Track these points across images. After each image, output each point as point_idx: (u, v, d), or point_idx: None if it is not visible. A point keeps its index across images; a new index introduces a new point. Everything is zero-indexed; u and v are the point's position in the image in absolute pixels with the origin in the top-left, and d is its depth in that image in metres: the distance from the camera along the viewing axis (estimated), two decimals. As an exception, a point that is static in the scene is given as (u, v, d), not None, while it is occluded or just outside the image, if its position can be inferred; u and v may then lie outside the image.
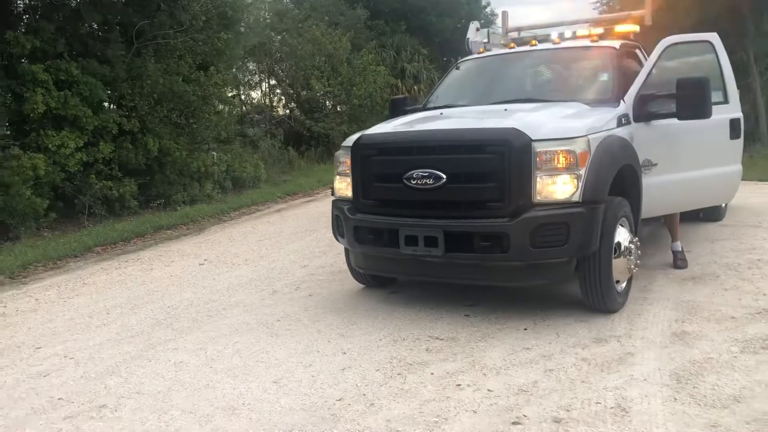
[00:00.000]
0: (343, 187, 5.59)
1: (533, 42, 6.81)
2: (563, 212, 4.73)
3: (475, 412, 3.68)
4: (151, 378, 4.38)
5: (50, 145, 11.05)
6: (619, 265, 5.14)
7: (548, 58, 6.66)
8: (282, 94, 24.03)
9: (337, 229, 5.65)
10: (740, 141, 6.42)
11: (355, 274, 6.09)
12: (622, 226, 5.24)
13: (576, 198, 4.75)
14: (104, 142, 12.11)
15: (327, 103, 22.90)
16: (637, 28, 6.97)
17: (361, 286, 6.21)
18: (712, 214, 8.17)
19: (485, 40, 7.58)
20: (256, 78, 23.46)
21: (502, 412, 3.65)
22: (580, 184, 4.75)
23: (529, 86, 6.47)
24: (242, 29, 19.74)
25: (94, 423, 3.77)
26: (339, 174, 5.66)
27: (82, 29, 12.71)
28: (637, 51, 6.72)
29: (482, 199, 4.84)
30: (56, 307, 6.25)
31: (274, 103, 23.84)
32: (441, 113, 5.91)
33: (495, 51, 7.17)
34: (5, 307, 6.37)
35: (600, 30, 6.97)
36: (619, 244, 5.13)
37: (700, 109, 5.60)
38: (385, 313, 5.47)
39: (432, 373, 4.21)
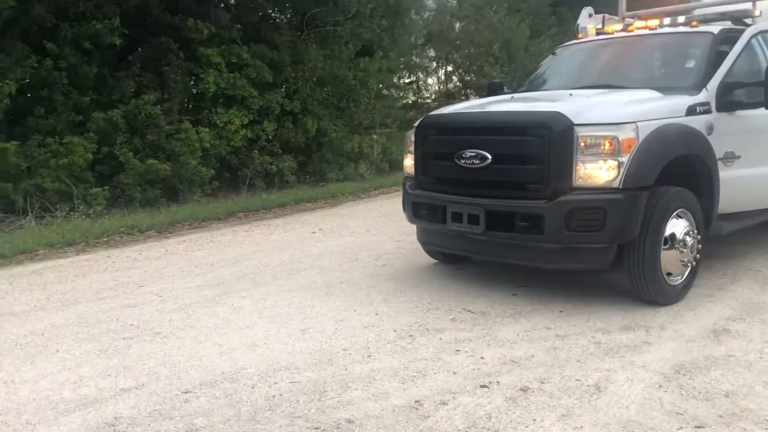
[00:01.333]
0: (409, 165, 5.94)
1: (631, 28, 6.64)
2: (601, 197, 4.73)
3: (455, 373, 3.92)
4: (208, 316, 5.08)
5: (218, 122, 12.44)
6: (670, 257, 5.01)
7: (640, 45, 6.48)
8: (459, 80, 24.47)
9: (403, 205, 6.01)
10: None
11: (426, 249, 6.40)
12: (680, 217, 5.08)
13: (616, 184, 4.73)
14: (268, 121, 13.33)
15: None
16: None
17: (434, 261, 6.51)
18: None
19: (599, 26, 7.45)
20: (434, 64, 24.09)
21: (479, 377, 3.86)
22: (622, 170, 4.71)
23: (612, 72, 6.32)
24: (414, 17, 20.40)
25: (144, 344, 4.53)
26: (408, 152, 6.01)
27: (255, 16, 13.99)
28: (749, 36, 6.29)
29: (523, 181, 4.97)
30: (176, 258, 7.24)
31: (450, 88, 24.29)
32: (512, 97, 6.03)
33: (592, 37, 7.06)
34: (140, 254, 7.48)
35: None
36: (672, 235, 5.00)
37: (791, 99, 5.25)
38: (438, 285, 5.77)
39: (441, 338, 4.48)
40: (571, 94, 5.56)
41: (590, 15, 7.61)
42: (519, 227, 4.96)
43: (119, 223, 8.89)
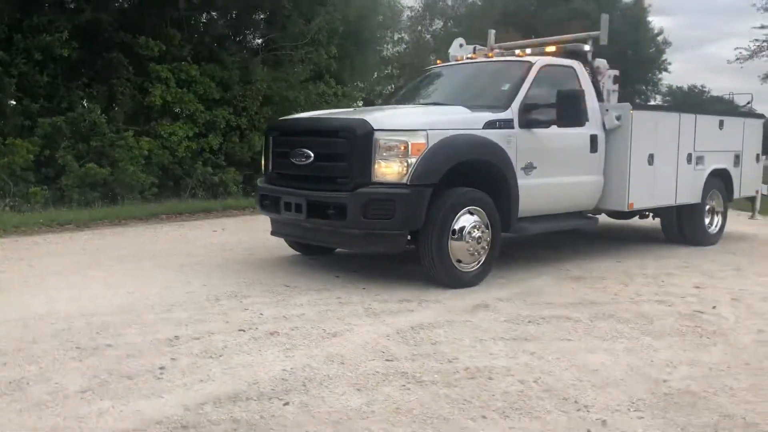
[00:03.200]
0: (263, 163, 6.84)
1: (473, 56, 7.63)
2: (391, 191, 5.60)
3: (227, 322, 4.72)
4: (57, 281, 5.93)
5: (163, 133, 13.38)
6: (459, 247, 5.84)
7: (475, 70, 7.45)
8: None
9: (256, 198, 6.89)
10: (597, 155, 7.19)
11: (286, 241, 7.22)
12: (472, 214, 5.93)
13: (405, 180, 5.60)
14: (213, 135, 14.26)
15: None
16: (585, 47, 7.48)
17: (296, 252, 7.34)
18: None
19: (470, 54, 8.37)
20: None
21: (244, 325, 4.65)
22: (411, 169, 5.59)
23: (447, 92, 7.28)
24: (379, 48, 21.45)
25: (-7, 296, 5.38)
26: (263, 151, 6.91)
27: (207, 39, 15.02)
28: (575, 67, 7.21)
29: (335, 176, 5.84)
30: (72, 243, 8.08)
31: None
32: (354, 108, 6.96)
33: (445, 63, 8.03)
34: (44, 239, 8.33)
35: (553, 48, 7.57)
36: (462, 228, 5.85)
37: (576, 117, 6.19)
38: (281, 269, 6.65)
39: (241, 302, 5.31)
40: (384, 108, 6.50)
41: (461, 45, 8.54)
42: (330, 215, 5.80)
43: (44, 217, 9.74)
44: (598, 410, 3.41)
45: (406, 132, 5.66)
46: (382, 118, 5.87)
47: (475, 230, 5.92)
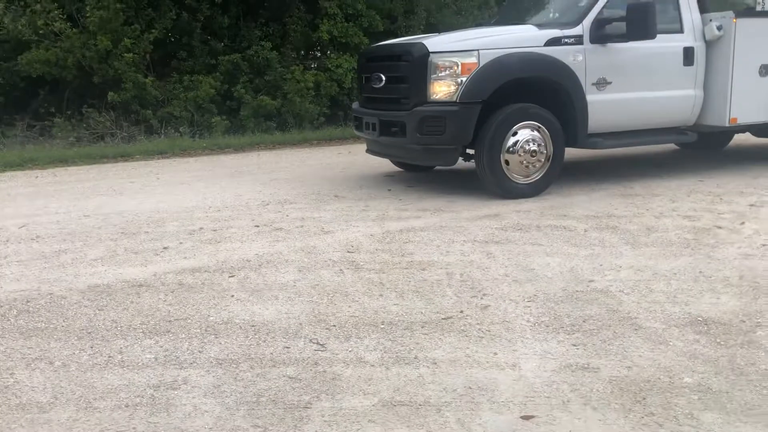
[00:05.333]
0: (357, 87, 7.55)
1: None
2: (442, 109, 6.04)
3: (253, 220, 5.63)
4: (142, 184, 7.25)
5: (330, 65, 14.51)
6: (512, 159, 6.15)
7: None
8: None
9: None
10: (693, 68, 6.77)
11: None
12: (531, 129, 6.17)
13: (454, 98, 6.00)
14: (378, 65, 15.12)
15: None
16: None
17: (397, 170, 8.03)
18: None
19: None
20: None
21: (265, 224, 5.51)
22: (461, 88, 5.97)
23: (529, 12, 7.39)
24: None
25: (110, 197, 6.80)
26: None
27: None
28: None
29: (399, 96, 6.39)
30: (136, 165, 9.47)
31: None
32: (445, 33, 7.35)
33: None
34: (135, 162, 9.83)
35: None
36: (516, 142, 6.13)
37: (645, 31, 6.11)
38: (351, 183, 7.42)
39: (283, 208, 6.18)
40: (450, 32, 6.86)
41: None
42: (393, 132, 6.40)
43: (210, 143, 11.34)
44: (493, 298, 3.75)
45: (457, 53, 6.02)
46: (439, 41, 6.26)
47: (530, 144, 6.15)
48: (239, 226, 5.46)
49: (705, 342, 3.19)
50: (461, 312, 3.59)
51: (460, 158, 6.51)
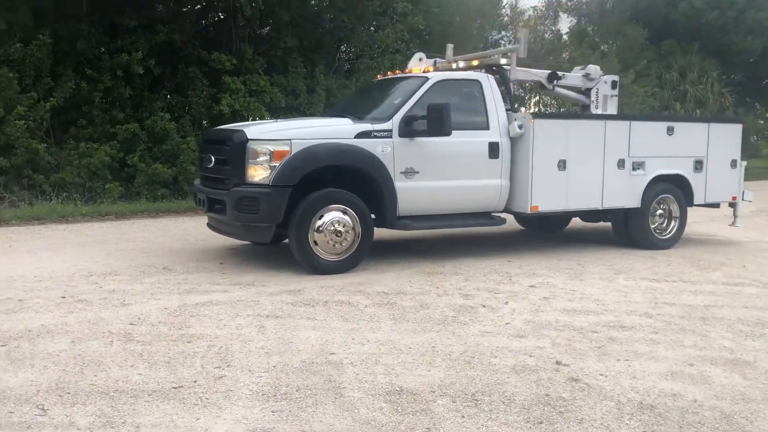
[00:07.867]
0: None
1: (427, 69, 8.43)
2: (256, 190, 6.65)
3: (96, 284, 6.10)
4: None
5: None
6: (320, 239, 6.76)
7: (386, 85, 8.23)
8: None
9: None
10: (499, 161, 7.56)
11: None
12: (339, 212, 6.81)
13: (267, 181, 6.63)
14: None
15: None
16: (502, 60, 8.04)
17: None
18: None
19: (430, 68, 9.05)
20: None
21: (107, 295, 5.90)
22: (273, 172, 6.62)
23: (356, 105, 8.21)
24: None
25: None
26: (200, 156, 8.23)
27: (277, 52, 16.59)
28: (480, 79, 7.81)
29: (223, 177, 7.01)
30: (75, 227, 9.90)
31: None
32: (275, 120, 8.07)
33: (384, 77, 8.85)
34: (86, 226, 10.23)
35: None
36: (323, 224, 6.76)
37: (441, 128, 6.92)
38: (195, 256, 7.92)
39: (115, 278, 6.61)
40: (271, 121, 7.60)
41: (420, 59, 9.27)
42: (218, 209, 6.99)
43: (99, 209, 11.76)
44: (234, 369, 4.17)
45: (272, 142, 6.70)
46: (258, 129, 6.96)
47: (335, 225, 6.79)
48: (47, 297, 5.81)
49: (387, 410, 3.65)
50: (195, 381, 3.97)
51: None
